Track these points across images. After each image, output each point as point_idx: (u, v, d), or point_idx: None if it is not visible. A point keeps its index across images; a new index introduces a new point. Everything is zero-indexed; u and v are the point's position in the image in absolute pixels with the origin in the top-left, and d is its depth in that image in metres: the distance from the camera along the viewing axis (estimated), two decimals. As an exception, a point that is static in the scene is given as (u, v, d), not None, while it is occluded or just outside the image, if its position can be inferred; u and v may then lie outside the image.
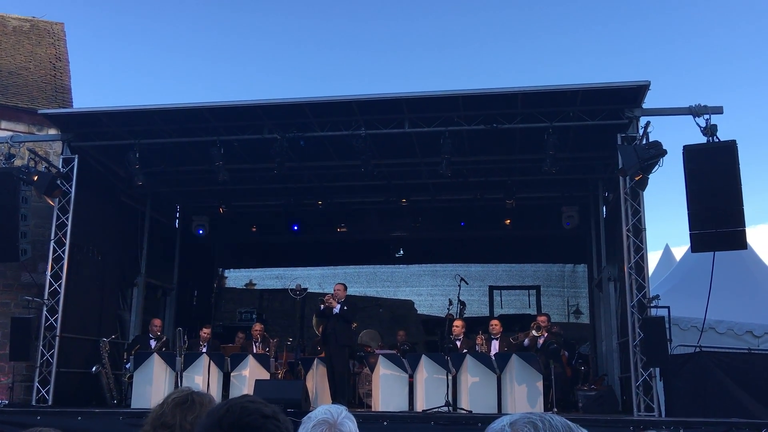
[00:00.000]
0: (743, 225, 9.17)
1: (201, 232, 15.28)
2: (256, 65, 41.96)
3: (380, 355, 10.97)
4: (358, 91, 15.81)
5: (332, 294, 11.01)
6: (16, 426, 9.24)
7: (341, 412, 2.04)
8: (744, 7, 33.58)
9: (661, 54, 37.26)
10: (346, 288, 11.25)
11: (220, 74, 42.31)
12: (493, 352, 10.64)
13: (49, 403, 10.34)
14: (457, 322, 11.23)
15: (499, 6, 38.74)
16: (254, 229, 15.93)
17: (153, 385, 10.60)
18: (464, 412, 9.76)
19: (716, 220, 9.21)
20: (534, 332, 10.88)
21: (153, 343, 11.75)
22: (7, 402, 10.47)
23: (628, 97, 9.97)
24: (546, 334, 10.96)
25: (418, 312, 17.18)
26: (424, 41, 40.64)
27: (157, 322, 12.27)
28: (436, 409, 9.58)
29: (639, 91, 9.81)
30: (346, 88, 54.68)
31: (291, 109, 10.71)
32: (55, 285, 10.84)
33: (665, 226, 40.66)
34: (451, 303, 11.12)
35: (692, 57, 36.53)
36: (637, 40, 38.28)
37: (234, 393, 10.59)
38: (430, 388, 10.16)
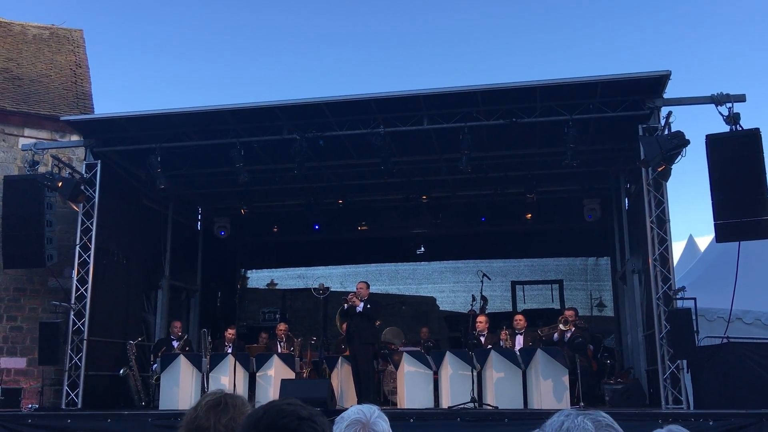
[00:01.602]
0: (768, 214, 9.05)
1: (223, 233, 15.39)
2: (270, 65, 42.12)
3: (404, 353, 10.98)
4: (374, 89, 15.85)
5: (355, 292, 11.03)
6: (47, 429, 9.38)
7: (374, 411, 2.05)
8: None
9: (682, 43, 36.87)
10: (368, 286, 11.28)
11: (235, 75, 42.52)
12: (517, 348, 10.60)
13: (79, 406, 10.48)
14: (481, 318, 11.21)
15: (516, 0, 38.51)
16: (275, 230, 15.99)
17: (180, 386, 10.70)
18: (490, 407, 9.74)
19: (741, 209, 9.10)
20: (561, 326, 10.84)
21: (176, 343, 11.87)
22: (37, 406, 10.62)
23: (649, 88, 9.87)
24: (573, 329, 10.90)
25: (441, 308, 17.16)
26: (440, 37, 40.57)
27: (177, 323, 12.40)
28: (462, 406, 9.57)
29: (660, 81, 9.71)
30: (362, 86, 54.78)
31: (310, 109, 10.73)
32: (82, 289, 10.97)
33: (689, 216, 40.22)
34: (474, 299, 11.09)
35: (713, 45, 36.10)
36: (657, 30, 37.89)
37: (260, 393, 10.66)
38: (455, 384, 10.15)
